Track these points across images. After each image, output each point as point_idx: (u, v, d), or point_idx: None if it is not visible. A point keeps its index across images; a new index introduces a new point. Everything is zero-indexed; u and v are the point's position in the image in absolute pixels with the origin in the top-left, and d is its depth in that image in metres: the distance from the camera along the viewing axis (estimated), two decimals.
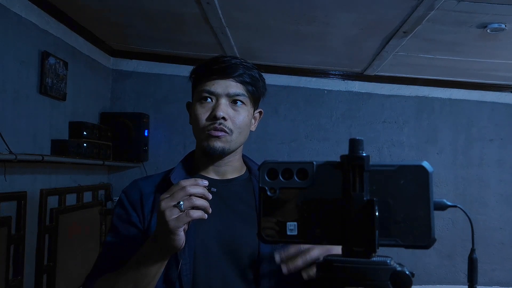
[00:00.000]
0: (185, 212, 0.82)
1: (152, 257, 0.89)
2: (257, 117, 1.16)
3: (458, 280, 3.60)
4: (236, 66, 1.05)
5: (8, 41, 2.26)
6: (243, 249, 1.01)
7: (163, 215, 0.83)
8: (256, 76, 1.09)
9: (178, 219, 0.82)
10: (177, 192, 0.84)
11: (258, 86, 1.10)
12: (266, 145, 3.59)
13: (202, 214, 0.84)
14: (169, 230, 0.83)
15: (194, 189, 0.84)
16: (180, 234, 0.84)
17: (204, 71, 1.07)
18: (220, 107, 1.03)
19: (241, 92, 1.06)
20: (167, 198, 0.84)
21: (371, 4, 2.26)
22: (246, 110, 1.07)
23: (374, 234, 0.51)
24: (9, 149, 2.11)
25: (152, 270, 0.90)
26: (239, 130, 1.06)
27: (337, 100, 3.71)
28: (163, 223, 0.83)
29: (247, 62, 1.10)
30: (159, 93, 3.62)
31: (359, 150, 0.53)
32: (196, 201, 0.83)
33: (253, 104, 1.11)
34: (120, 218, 1.06)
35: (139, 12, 2.64)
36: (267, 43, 3.07)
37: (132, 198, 1.07)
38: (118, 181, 3.53)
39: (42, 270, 2.52)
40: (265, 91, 1.15)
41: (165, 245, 0.86)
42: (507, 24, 2.35)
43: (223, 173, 1.10)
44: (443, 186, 3.67)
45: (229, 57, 1.08)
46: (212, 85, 1.05)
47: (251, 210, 1.04)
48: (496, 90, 3.70)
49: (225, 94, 1.04)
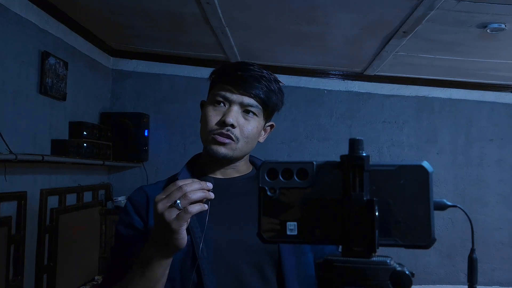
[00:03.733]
0: (183, 209, 0.82)
1: (154, 260, 0.88)
2: (268, 130, 1.14)
3: (458, 280, 3.60)
4: (255, 79, 1.03)
5: (8, 41, 2.26)
6: (260, 248, 0.99)
7: (162, 217, 0.82)
8: (274, 89, 1.07)
9: (179, 218, 0.81)
10: (174, 192, 0.83)
11: (275, 100, 1.08)
12: (266, 145, 3.58)
13: (201, 206, 0.83)
14: (172, 231, 0.82)
15: (191, 187, 0.83)
16: (183, 233, 0.84)
17: (223, 76, 1.06)
18: (231, 113, 1.02)
19: (254, 104, 1.04)
20: (164, 199, 0.83)
21: (371, 4, 2.26)
22: (257, 121, 1.06)
23: (374, 234, 0.51)
24: (9, 149, 2.11)
25: (158, 273, 0.89)
26: (246, 139, 1.05)
27: (337, 100, 3.71)
28: (163, 225, 0.82)
29: (269, 73, 1.07)
30: (159, 93, 3.62)
31: (359, 150, 0.53)
32: (193, 196, 0.82)
33: (265, 117, 1.09)
34: (124, 223, 1.06)
35: (139, 12, 2.64)
36: (267, 43, 3.07)
37: (137, 202, 1.06)
38: (118, 181, 3.53)
39: (42, 270, 2.52)
40: (282, 105, 1.12)
41: (167, 246, 0.86)
42: (507, 24, 2.35)
43: (229, 174, 1.10)
44: (443, 186, 3.68)
45: (251, 67, 1.05)
46: (228, 91, 1.04)
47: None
48: (495, 90, 3.70)
49: (238, 102, 1.04)
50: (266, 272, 1.00)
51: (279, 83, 1.10)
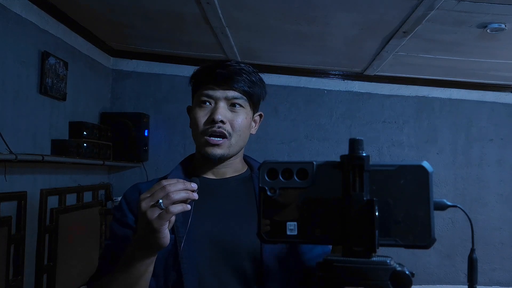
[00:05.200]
0: (165, 209, 0.83)
1: (139, 257, 0.89)
2: (257, 120, 1.16)
3: (458, 280, 3.60)
4: (235, 74, 1.05)
5: (8, 41, 2.26)
6: (241, 249, 1.00)
7: (145, 216, 0.83)
8: (256, 80, 1.09)
9: (160, 217, 0.83)
10: (157, 191, 0.84)
11: (258, 90, 1.10)
12: (266, 145, 3.59)
13: (183, 207, 0.84)
14: (153, 230, 0.83)
15: (174, 187, 0.84)
16: (165, 232, 0.85)
17: (204, 77, 1.07)
18: (218, 110, 1.04)
19: (239, 96, 1.06)
20: (147, 198, 0.84)
21: (371, 4, 2.26)
22: (245, 112, 1.08)
23: (374, 234, 0.51)
24: (9, 149, 2.11)
25: (141, 270, 0.90)
26: (239, 133, 1.06)
27: (337, 100, 3.71)
28: (146, 223, 0.84)
29: (247, 66, 1.09)
30: (159, 93, 3.62)
31: (359, 150, 0.53)
32: (175, 196, 0.83)
33: (252, 107, 1.11)
34: (117, 220, 1.07)
35: (139, 12, 2.64)
36: (267, 43, 3.07)
37: (130, 199, 1.07)
38: (118, 181, 3.53)
39: (42, 270, 2.52)
40: (265, 94, 1.15)
41: (150, 244, 0.87)
42: (507, 24, 2.35)
43: (222, 174, 1.10)
44: (443, 186, 3.68)
45: (228, 63, 1.07)
46: (211, 89, 1.05)
47: (250, 208, 1.03)
48: (496, 90, 3.70)
49: (223, 97, 1.05)
50: (246, 275, 1.00)
51: (258, 73, 1.12)
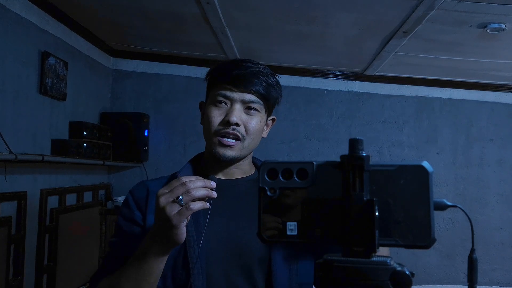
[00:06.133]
0: (185, 205, 0.82)
1: (152, 254, 0.88)
2: (270, 124, 1.15)
3: (458, 280, 3.60)
4: (253, 76, 1.04)
5: (8, 41, 2.26)
6: (251, 250, 1.00)
7: (163, 211, 0.82)
8: (272, 83, 1.08)
9: (180, 213, 0.82)
10: (177, 187, 0.83)
11: (274, 93, 1.09)
12: (266, 145, 3.59)
13: (203, 204, 0.83)
14: (172, 226, 0.82)
15: (194, 184, 0.83)
16: (183, 229, 0.84)
17: (221, 76, 1.06)
18: (234, 112, 1.03)
19: (256, 100, 1.05)
20: (166, 194, 0.83)
21: (371, 4, 2.26)
22: (260, 116, 1.07)
23: (374, 234, 0.51)
24: (9, 149, 2.11)
25: (153, 267, 0.89)
26: (252, 136, 1.05)
27: (337, 100, 3.71)
28: (164, 219, 0.82)
29: (265, 67, 1.08)
30: (159, 93, 3.62)
31: (359, 150, 0.53)
32: (196, 193, 0.82)
33: (267, 112, 1.10)
34: (124, 217, 1.06)
35: (139, 12, 2.64)
36: (267, 43, 3.07)
37: (138, 196, 1.06)
38: (118, 181, 3.53)
39: (42, 270, 2.52)
40: (281, 98, 1.13)
41: (166, 240, 0.86)
42: (507, 24, 2.35)
43: (231, 174, 1.10)
44: (443, 186, 3.67)
45: (246, 64, 1.05)
46: (228, 90, 1.04)
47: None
48: (496, 90, 3.70)
49: (240, 100, 1.04)
50: (254, 276, 1.00)
51: (276, 76, 1.11)
